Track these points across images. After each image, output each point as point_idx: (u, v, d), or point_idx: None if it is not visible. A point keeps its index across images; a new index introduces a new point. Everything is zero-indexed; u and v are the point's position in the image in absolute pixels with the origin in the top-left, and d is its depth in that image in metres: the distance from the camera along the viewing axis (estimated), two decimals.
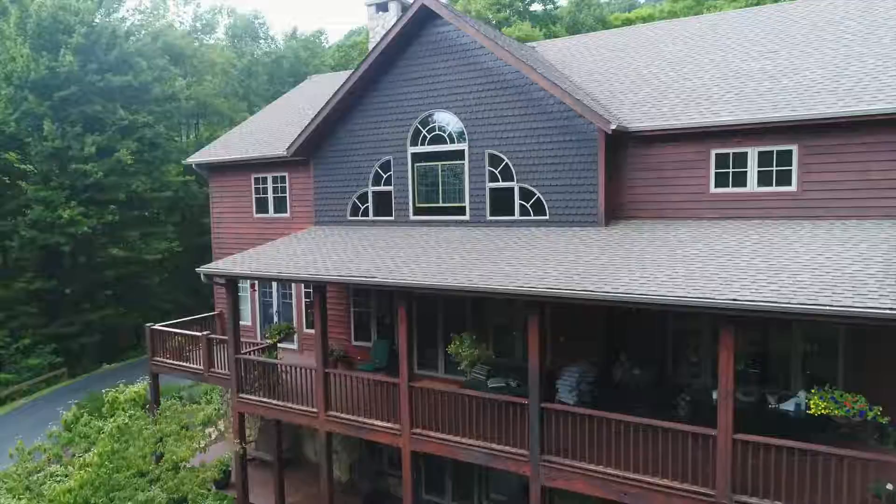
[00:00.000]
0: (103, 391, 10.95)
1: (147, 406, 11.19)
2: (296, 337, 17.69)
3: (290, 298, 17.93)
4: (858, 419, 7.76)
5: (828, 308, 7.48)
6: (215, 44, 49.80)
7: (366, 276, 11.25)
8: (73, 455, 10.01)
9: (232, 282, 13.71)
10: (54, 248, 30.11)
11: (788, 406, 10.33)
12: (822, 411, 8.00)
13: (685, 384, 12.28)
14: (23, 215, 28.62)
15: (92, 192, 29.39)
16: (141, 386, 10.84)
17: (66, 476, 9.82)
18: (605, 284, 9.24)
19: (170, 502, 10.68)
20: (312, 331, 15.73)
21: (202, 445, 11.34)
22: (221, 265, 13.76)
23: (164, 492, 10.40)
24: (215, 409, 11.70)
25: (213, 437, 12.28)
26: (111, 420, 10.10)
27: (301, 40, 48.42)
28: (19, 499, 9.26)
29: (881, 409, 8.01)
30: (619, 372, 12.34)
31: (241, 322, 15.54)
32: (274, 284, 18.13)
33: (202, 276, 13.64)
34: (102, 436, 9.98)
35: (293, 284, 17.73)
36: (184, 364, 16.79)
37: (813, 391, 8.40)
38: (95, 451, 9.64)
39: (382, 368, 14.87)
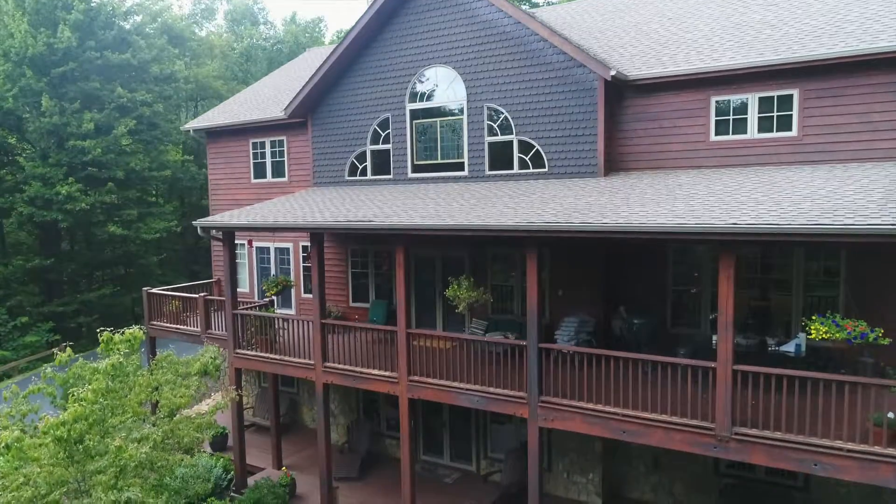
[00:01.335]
0: (98, 331, 10.83)
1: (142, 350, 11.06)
2: (293, 301, 17.62)
3: (288, 264, 17.84)
4: (860, 340, 7.68)
5: (829, 226, 7.42)
6: (216, 30, 49.75)
7: (363, 222, 11.17)
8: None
9: (229, 236, 13.63)
10: (52, 226, 30.03)
11: (789, 348, 10.25)
12: (823, 335, 7.92)
13: (685, 336, 12.19)
14: (21, 192, 28.50)
15: (90, 170, 29.27)
16: (137, 329, 10.72)
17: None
18: (605, 217, 9.17)
19: (165, 445, 10.59)
20: (310, 295, 15.66)
21: (198, 394, 11.23)
22: (218, 218, 13.68)
23: (161, 434, 10.30)
24: (211, 359, 11.56)
25: (212, 405, 12.16)
26: (106, 360, 10.02)
27: (301, 26, 48.36)
28: (12, 431, 9.17)
29: (882, 331, 7.94)
30: (618, 323, 12.24)
31: (238, 289, 15.47)
32: (271, 249, 18.05)
33: (199, 230, 13.55)
34: (97, 375, 9.88)
35: (290, 249, 17.67)
36: (181, 327, 16.74)
37: (813, 318, 8.33)
38: (90, 387, 9.55)
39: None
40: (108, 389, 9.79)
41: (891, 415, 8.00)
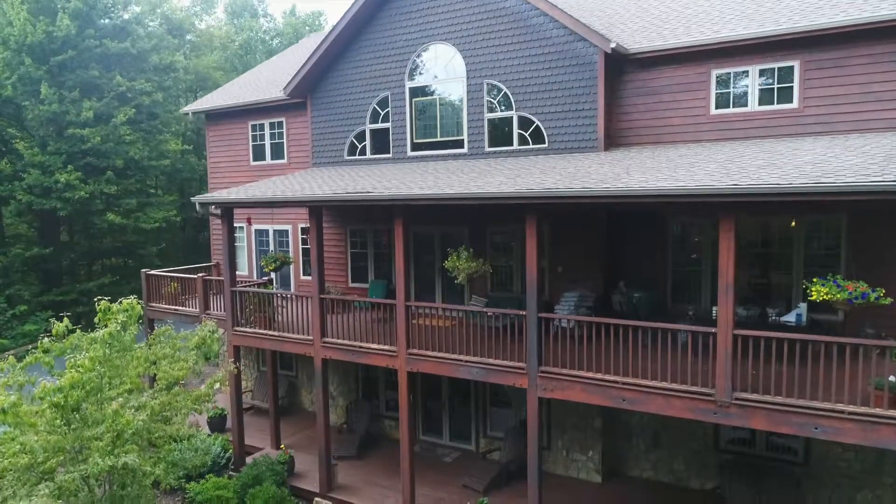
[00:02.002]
0: (95, 300, 10.77)
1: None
2: (292, 283, 17.57)
3: (287, 246, 17.78)
4: (861, 301, 7.63)
5: (830, 185, 7.37)
6: (215, 23, 49.70)
7: (361, 193, 11.12)
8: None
9: (227, 212, 13.57)
10: (51, 215, 29.95)
11: (789, 318, 10.21)
12: (825, 297, 7.86)
13: (685, 312, 12.13)
14: (20, 180, 28.43)
15: (89, 158, 29.19)
16: (135, 299, 10.65)
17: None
18: (605, 183, 9.12)
19: (164, 417, 10.53)
20: (309, 278, 15.63)
21: (195, 367, 11.18)
22: (217, 194, 13.63)
23: (159, 406, 10.25)
24: (210, 332, 11.48)
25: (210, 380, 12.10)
26: (104, 329, 9.96)
27: (301, 19, 48.32)
28: (8, 396, 9.12)
29: (883, 291, 7.88)
30: (618, 298, 12.20)
31: (237, 272, 15.45)
32: (270, 231, 17.99)
33: (197, 206, 13.49)
34: (95, 345, 9.82)
35: (290, 231, 17.62)
36: (179, 308, 16.71)
37: (815, 280, 8.27)
38: (87, 355, 9.49)
39: (379, 307, 14.71)
40: (106, 358, 9.73)
41: (892, 378, 7.96)
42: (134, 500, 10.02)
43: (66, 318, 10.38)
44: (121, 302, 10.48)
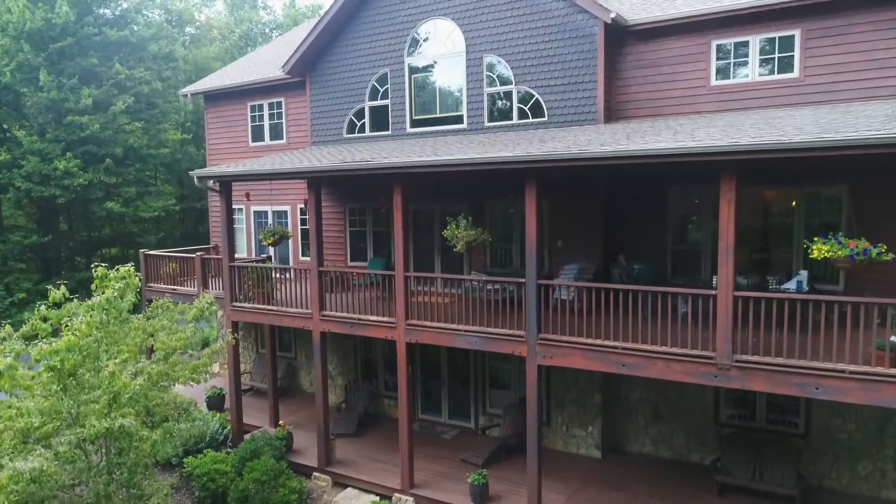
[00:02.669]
0: (92, 266, 10.71)
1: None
2: (291, 263, 17.50)
3: (286, 227, 17.71)
4: (863, 257, 7.56)
5: (832, 140, 7.32)
6: (215, 16, 49.63)
7: (360, 163, 11.07)
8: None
9: (226, 187, 13.50)
10: (50, 203, 29.91)
11: (790, 285, 10.15)
12: (826, 254, 7.79)
13: (685, 285, 12.06)
14: (19, 168, 28.37)
15: (88, 146, 29.13)
16: (131, 268, 10.59)
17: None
18: (605, 147, 9.07)
19: (161, 387, 10.49)
20: (308, 259, 15.56)
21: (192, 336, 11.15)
22: (215, 168, 13.56)
23: (157, 374, 10.20)
24: (208, 304, 11.43)
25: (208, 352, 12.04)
26: (102, 295, 9.91)
27: (300, 11, 48.21)
28: (4, 357, 9.07)
29: (885, 247, 7.82)
30: (618, 271, 12.14)
31: (236, 254, 15.36)
32: (269, 213, 17.94)
33: (196, 180, 13.42)
34: (92, 312, 9.76)
35: (288, 212, 17.57)
36: (178, 288, 16.67)
37: (815, 239, 8.22)
38: (84, 319, 9.44)
39: (378, 285, 14.65)
40: (103, 323, 9.68)
41: (893, 338, 7.91)
42: (131, 468, 9.97)
43: (62, 286, 10.28)
44: (118, 269, 10.42)
